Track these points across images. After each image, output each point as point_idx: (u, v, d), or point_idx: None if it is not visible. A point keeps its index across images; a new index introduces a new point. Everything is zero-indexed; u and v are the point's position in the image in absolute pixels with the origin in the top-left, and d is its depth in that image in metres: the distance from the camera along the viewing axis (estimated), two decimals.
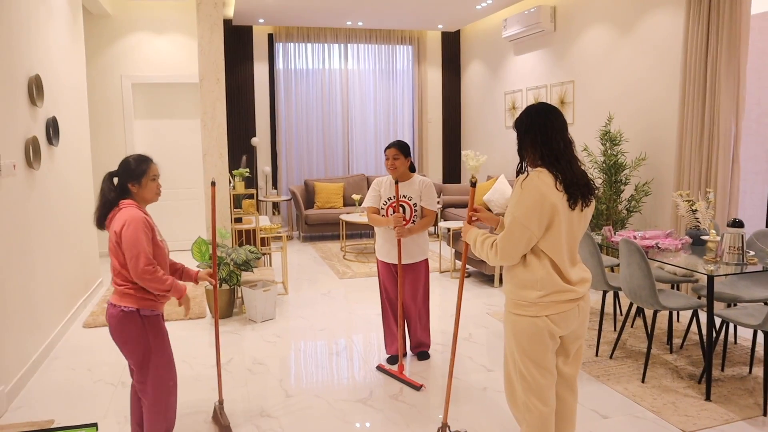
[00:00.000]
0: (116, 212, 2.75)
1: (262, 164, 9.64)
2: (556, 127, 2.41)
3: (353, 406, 3.62)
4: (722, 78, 5.03)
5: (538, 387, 2.48)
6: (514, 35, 8.10)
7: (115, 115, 8.00)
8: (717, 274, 3.60)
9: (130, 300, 2.73)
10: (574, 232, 2.44)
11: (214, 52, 5.81)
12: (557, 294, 2.40)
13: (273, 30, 9.48)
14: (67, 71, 5.50)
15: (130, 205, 2.75)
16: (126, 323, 2.74)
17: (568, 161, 2.40)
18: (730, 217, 5.10)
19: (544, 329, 2.42)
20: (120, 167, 2.81)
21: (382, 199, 4.14)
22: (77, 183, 5.69)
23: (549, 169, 2.38)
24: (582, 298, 2.48)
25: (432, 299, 4.70)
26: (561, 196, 2.34)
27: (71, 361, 4.43)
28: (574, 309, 2.45)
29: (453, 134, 10.56)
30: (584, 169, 2.49)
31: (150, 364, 2.80)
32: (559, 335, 2.47)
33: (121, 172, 2.80)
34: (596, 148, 6.49)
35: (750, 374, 3.96)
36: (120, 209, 2.74)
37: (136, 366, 2.81)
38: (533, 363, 2.47)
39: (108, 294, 6.16)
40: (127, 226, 2.65)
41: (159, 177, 2.87)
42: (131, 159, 2.81)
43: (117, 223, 2.69)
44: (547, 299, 2.40)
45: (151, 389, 2.83)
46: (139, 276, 2.65)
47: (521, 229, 2.35)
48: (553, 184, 2.34)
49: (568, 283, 2.42)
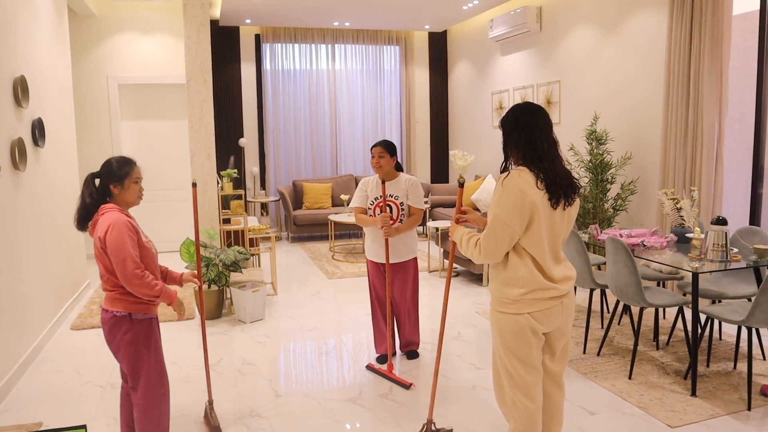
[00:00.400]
0: (98, 217, 2.71)
1: (250, 165, 9.62)
2: (541, 126, 2.44)
3: (343, 406, 3.64)
4: (705, 78, 5.10)
5: (524, 384, 2.51)
6: (500, 35, 8.15)
7: (101, 117, 7.96)
8: (701, 271, 3.65)
9: (121, 304, 2.71)
10: (556, 231, 2.46)
11: (201, 52, 5.80)
12: (539, 291, 2.43)
13: (260, 30, 9.47)
14: (52, 72, 5.47)
15: (111, 209, 2.71)
16: (118, 328, 2.73)
17: (552, 161, 2.42)
18: (714, 214, 5.17)
19: (527, 326, 2.45)
20: (102, 168, 2.78)
21: (369, 198, 4.15)
22: (64, 184, 5.65)
23: (530, 168, 2.40)
24: (565, 295, 2.51)
25: (421, 298, 4.73)
26: (542, 195, 2.37)
27: (59, 363, 4.41)
28: (557, 306, 2.48)
29: (440, 134, 10.60)
30: (569, 168, 2.51)
31: (142, 370, 2.78)
32: (542, 332, 2.50)
33: (103, 173, 2.77)
34: (582, 147, 6.54)
35: (735, 370, 4.01)
36: (102, 214, 2.71)
37: (128, 371, 2.79)
38: (518, 360, 2.50)
39: (96, 296, 6.13)
40: (110, 231, 2.62)
41: (141, 180, 2.84)
42: (114, 160, 2.78)
43: (100, 229, 2.66)
44: (529, 296, 2.43)
45: (142, 396, 2.81)
46: (128, 281, 2.63)
47: (503, 227, 2.38)
48: (534, 183, 2.37)
49: (550, 281, 2.45)
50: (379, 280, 4.20)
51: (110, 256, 2.64)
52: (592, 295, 4.60)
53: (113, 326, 2.72)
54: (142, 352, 2.77)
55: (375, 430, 3.34)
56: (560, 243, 2.52)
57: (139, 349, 2.76)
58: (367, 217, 4.11)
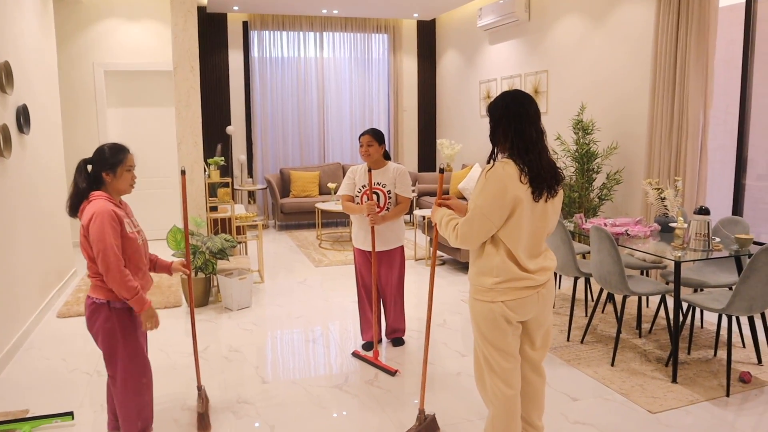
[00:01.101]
0: (86, 204, 2.71)
1: (237, 153, 9.58)
2: (531, 115, 2.41)
3: (329, 392, 3.67)
4: (691, 69, 5.14)
5: (502, 371, 2.53)
6: (489, 24, 8.15)
7: (87, 103, 7.88)
8: (684, 260, 3.70)
9: (101, 292, 2.71)
10: (539, 224, 2.47)
11: (188, 39, 5.75)
12: (513, 281, 2.44)
13: (248, 17, 9.40)
14: (37, 58, 5.41)
15: (99, 197, 2.70)
16: (97, 315, 2.73)
17: (539, 152, 2.40)
18: (698, 204, 5.23)
19: (500, 314, 2.46)
20: (95, 155, 2.77)
21: (356, 186, 4.16)
22: (49, 171, 5.61)
23: (515, 161, 2.39)
24: (542, 285, 2.51)
25: (407, 286, 4.76)
26: (525, 189, 2.36)
27: (46, 350, 4.40)
28: (533, 296, 2.48)
29: (428, 123, 10.60)
30: (555, 158, 2.51)
31: (118, 359, 2.77)
32: (517, 321, 2.51)
33: (95, 160, 2.76)
34: (569, 137, 6.58)
35: (715, 357, 4.09)
36: (90, 201, 2.70)
37: (106, 359, 2.79)
38: (494, 347, 2.52)
39: (83, 283, 6.11)
40: (93, 220, 2.62)
41: (134, 168, 2.82)
42: (107, 147, 2.77)
43: (85, 217, 2.66)
44: (502, 285, 2.44)
45: (120, 385, 2.80)
46: (106, 272, 2.62)
47: (481, 218, 2.38)
48: (518, 177, 2.36)
49: (524, 271, 2.45)
50: (365, 267, 4.22)
51: (92, 244, 2.63)
52: (577, 284, 4.65)
53: (92, 313, 2.73)
54: (120, 341, 2.75)
55: (361, 416, 3.38)
56: (543, 235, 2.52)
57: (116, 338, 2.74)
58: (354, 204, 4.13)
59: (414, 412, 3.37)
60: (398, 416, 3.35)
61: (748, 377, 3.69)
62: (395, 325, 4.37)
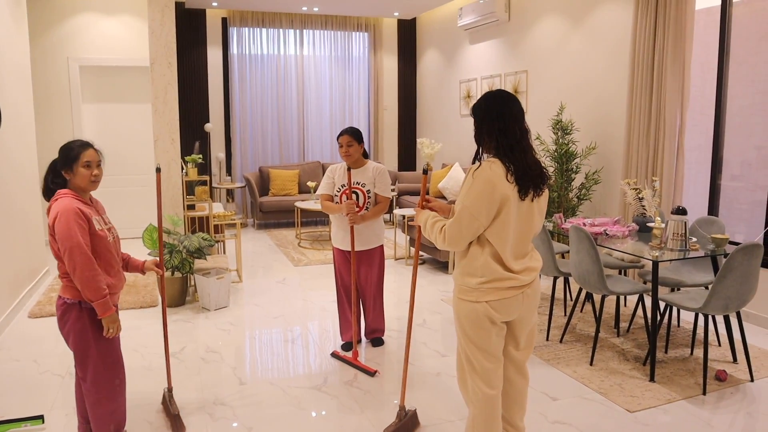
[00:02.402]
0: (52, 203, 2.64)
1: (215, 150, 9.48)
2: (515, 114, 2.42)
3: (308, 393, 3.63)
4: (669, 71, 5.19)
5: (483, 371, 2.52)
6: (469, 24, 8.16)
7: (62, 99, 7.73)
8: (662, 259, 3.73)
9: (71, 291, 2.65)
10: (525, 223, 2.46)
11: (165, 34, 5.66)
12: (498, 281, 2.44)
13: (227, 14, 9.30)
14: (9, 52, 5.29)
15: (65, 195, 2.64)
16: (68, 316, 2.66)
17: (523, 151, 2.40)
18: (675, 204, 5.29)
19: (484, 314, 2.45)
20: (58, 153, 2.71)
21: (336, 186, 4.12)
22: (21, 168, 5.49)
23: (502, 160, 2.39)
24: (527, 285, 2.50)
25: (387, 286, 4.74)
26: (512, 188, 2.36)
27: (16, 352, 4.30)
28: (517, 296, 2.47)
29: (408, 122, 10.59)
30: (538, 158, 2.52)
31: (89, 360, 2.69)
32: (501, 321, 2.50)
33: (58, 159, 2.70)
34: (548, 137, 6.61)
35: (691, 356, 4.13)
36: (56, 200, 2.63)
37: (76, 361, 2.71)
38: (477, 347, 2.51)
39: (55, 282, 5.99)
40: (58, 219, 2.55)
41: (96, 164, 2.70)
42: (65, 145, 2.70)
43: (51, 215, 2.60)
44: (487, 285, 2.44)
45: (91, 386, 2.72)
46: (72, 271, 2.55)
47: (469, 219, 2.38)
48: (504, 175, 2.35)
49: (509, 271, 2.44)
50: (345, 267, 4.19)
51: (58, 243, 2.57)
52: (556, 283, 4.67)
53: (63, 313, 2.67)
54: (91, 342, 2.67)
55: (340, 417, 3.35)
56: (529, 235, 2.51)
57: (87, 338, 2.67)
58: (333, 204, 4.09)
59: (393, 412, 3.35)
60: (378, 416, 3.33)
61: (724, 375, 3.73)
62: (374, 325, 4.35)
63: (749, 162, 5.00)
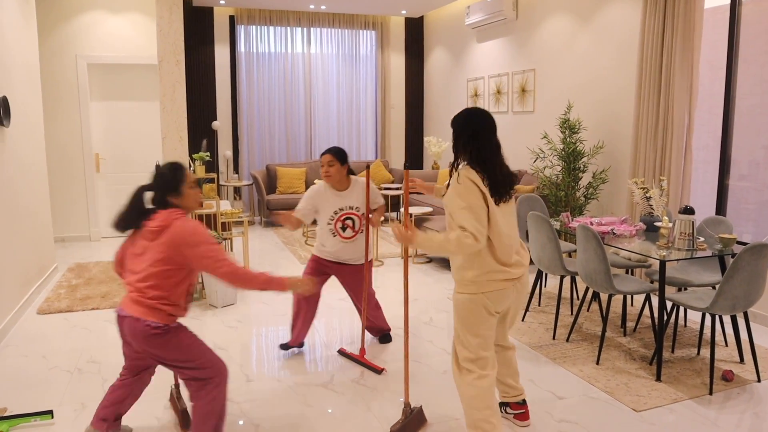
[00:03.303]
0: (169, 221, 2.61)
1: (223, 148, 9.51)
2: (488, 129, 2.73)
3: (315, 390, 3.64)
4: (677, 70, 5.17)
5: (479, 358, 2.79)
6: (476, 22, 8.15)
7: (70, 96, 7.77)
8: (669, 259, 3.72)
9: (160, 316, 2.62)
10: (508, 220, 2.78)
11: (173, 33, 5.69)
12: (492, 273, 2.72)
13: (234, 12, 9.32)
14: (18, 50, 5.32)
15: (182, 214, 2.65)
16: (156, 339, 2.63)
17: (495, 164, 2.70)
18: (682, 204, 5.27)
19: (481, 305, 2.73)
20: (155, 180, 2.70)
21: (321, 213, 3.95)
22: (31, 165, 5.52)
23: (476, 169, 2.68)
24: (518, 279, 2.80)
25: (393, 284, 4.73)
26: (487, 191, 2.67)
27: (25, 348, 4.34)
28: (509, 288, 2.77)
29: (416, 120, 10.59)
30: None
31: (205, 362, 2.71)
32: (496, 311, 2.77)
33: (157, 186, 2.69)
34: (556, 135, 6.60)
35: (698, 355, 4.12)
36: (174, 219, 2.62)
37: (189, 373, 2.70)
38: (473, 335, 2.77)
39: (64, 280, 6.02)
40: (195, 235, 2.56)
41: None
42: (165, 169, 2.69)
43: (179, 235, 2.57)
44: (483, 278, 2.72)
45: (219, 381, 2.74)
46: (232, 282, 2.58)
47: (478, 209, 2.63)
48: (480, 180, 2.66)
49: (502, 265, 2.73)
50: (320, 278, 4.10)
51: (202, 260, 2.57)
52: (563, 282, 4.66)
53: (150, 337, 2.62)
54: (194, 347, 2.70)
55: (346, 414, 3.36)
56: (515, 230, 2.83)
57: (190, 347, 2.69)
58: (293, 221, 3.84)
59: (400, 409, 3.36)
60: (384, 414, 3.34)
61: (731, 376, 3.72)
62: (380, 324, 4.35)
63: (757, 161, 4.98)
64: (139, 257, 2.69)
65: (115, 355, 4.19)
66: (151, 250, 2.65)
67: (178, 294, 2.68)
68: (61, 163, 7.66)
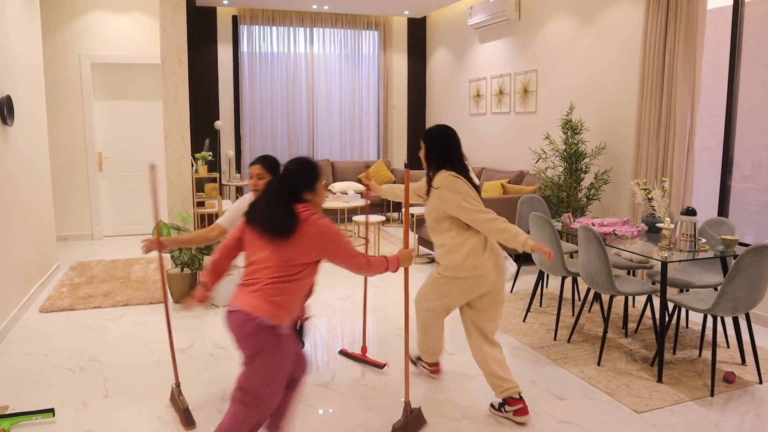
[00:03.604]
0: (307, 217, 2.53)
1: (225, 148, 9.52)
2: (456, 143, 3.27)
3: (315, 390, 3.65)
4: (679, 71, 5.17)
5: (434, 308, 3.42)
6: (479, 23, 8.15)
7: (73, 96, 7.79)
8: (670, 260, 3.72)
9: (276, 315, 2.44)
10: None
11: (176, 32, 5.70)
12: (476, 259, 3.15)
13: (237, 12, 9.34)
14: (21, 49, 5.34)
15: (314, 210, 2.60)
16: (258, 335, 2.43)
17: (466, 170, 3.22)
18: (685, 205, 5.27)
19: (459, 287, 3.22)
20: (293, 175, 2.62)
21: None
22: (34, 164, 5.54)
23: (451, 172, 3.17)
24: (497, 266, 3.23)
25: (393, 285, 4.72)
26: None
27: (26, 346, 4.35)
28: (486, 275, 3.19)
29: (418, 120, 10.59)
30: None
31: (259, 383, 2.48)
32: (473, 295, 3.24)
33: (294, 182, 2.61)
34: (558, 136, 6.60)
35: (700, 357, 4.11)
36: (311, 215, 2.54)
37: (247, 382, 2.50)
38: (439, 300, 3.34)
39: (66, 278, 6.03)
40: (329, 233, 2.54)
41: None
42: (303, 166, 2.64)
43: (315, 235, 2.50)
44: (467, 264, 3.15)
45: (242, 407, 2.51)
46: (366, 271, 2.68)
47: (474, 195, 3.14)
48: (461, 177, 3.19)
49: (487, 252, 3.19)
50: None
51: (337, 254, 2.57)
52: (564, 283, 4.66)
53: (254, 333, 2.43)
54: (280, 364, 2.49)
55: (347, 413, 3.36)
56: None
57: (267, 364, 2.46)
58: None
59: (401, 409, 3.36)
60: (385, 414, 3.34)
61: (732, 377, 3.72)
62: None
63: (760, 163, 4.97)
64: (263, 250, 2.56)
65: (116, 353, 4.20)
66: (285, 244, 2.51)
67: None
68: (64, 162, 7.68)
